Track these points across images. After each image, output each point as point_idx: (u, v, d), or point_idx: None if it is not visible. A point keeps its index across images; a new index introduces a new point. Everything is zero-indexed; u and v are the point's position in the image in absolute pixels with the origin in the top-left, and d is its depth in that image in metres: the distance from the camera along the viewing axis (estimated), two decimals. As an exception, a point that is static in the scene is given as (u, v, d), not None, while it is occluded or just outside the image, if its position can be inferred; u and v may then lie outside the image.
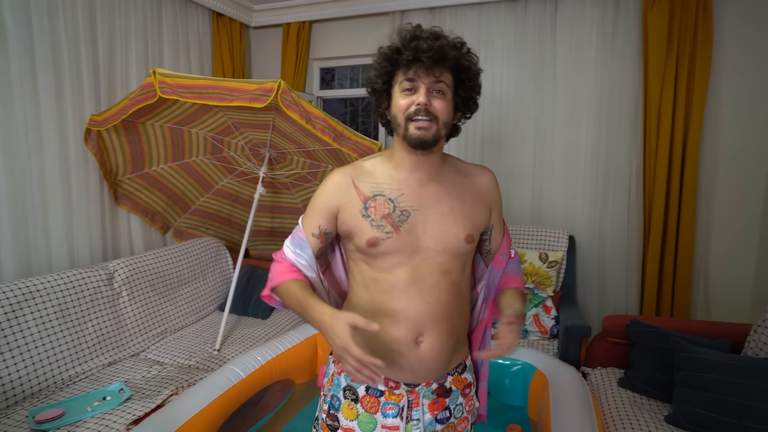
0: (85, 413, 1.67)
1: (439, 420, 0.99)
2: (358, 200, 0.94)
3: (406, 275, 0.92)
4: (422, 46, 0.86)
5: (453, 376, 1.02)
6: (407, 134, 0.90)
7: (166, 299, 2.48)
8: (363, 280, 0.96)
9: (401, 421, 0.96)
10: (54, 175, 2.23)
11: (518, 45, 2.87)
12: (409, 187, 0.95)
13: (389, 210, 0.93)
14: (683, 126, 2.51)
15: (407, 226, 0.93)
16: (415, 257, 0.93)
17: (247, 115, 2.18)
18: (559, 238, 2.75)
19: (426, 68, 0.87)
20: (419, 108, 0.88)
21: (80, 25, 2.30)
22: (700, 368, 1.63)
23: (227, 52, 3.29)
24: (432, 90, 0.89)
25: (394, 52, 0.89)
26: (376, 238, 0.91)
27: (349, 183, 0.95)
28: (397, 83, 0.91)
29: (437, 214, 0.95)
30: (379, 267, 0.94)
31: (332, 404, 1.00)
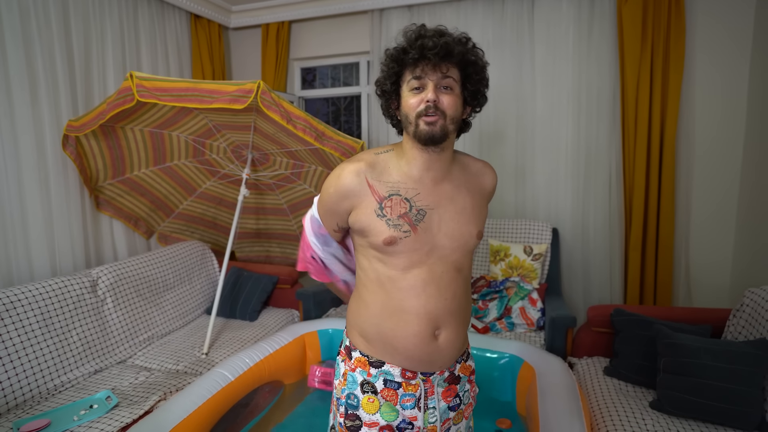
0: (72, 422, 1.64)
1: (451, 407, 1.03)
2: (373, 200, 0.93)
3: (425, 274, 0.94)
4: (428, 43, 0.87)
5: (460, 364, 1.06)
6: (417, 131, 0.90)
7: (152, 304, 2.45)
8: (378, 278, 0.97)
9: (419, 412, 0.98)
10: (32, 182, 2.19)
11: (497, 42, 2.89)
12: (425, 187, 0.95)
13: (406, 209, 0.93)
14: (660, 118, 2.55)
15: (424, 224, 0.93)
16: (432, 256, 0.94)
17: (227, 117, 2.16)
18: (542, 231, 2.78)
19: (433, 65, 0.88)
20: (429, 105, 0.89)
21: (53, 27, 2.25)
22: (682, 354, 1.66)
23: (206, 53, 3.25)
24: (440, 86, 0.90)
25: (401, 52, 0.91)
26: (394, 237, 0.91)
27: (363, 183, 0.94)
28: (405, 83, 0.92)
29: (452, 212, 0.96)
30: (395, 266, 0.94)
31: (350, 404, 1.00)
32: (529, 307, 2.49)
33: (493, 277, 2.75)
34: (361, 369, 0.99)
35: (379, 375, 0.98)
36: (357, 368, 1.00)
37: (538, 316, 2.46)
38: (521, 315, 2.48)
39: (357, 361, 1.00)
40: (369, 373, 0.98)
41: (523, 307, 2.50)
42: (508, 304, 2.53)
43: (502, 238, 2.87)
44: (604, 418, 1.64)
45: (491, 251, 2.81)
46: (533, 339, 2.37)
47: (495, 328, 2.48)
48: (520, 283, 2.60)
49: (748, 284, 2.31)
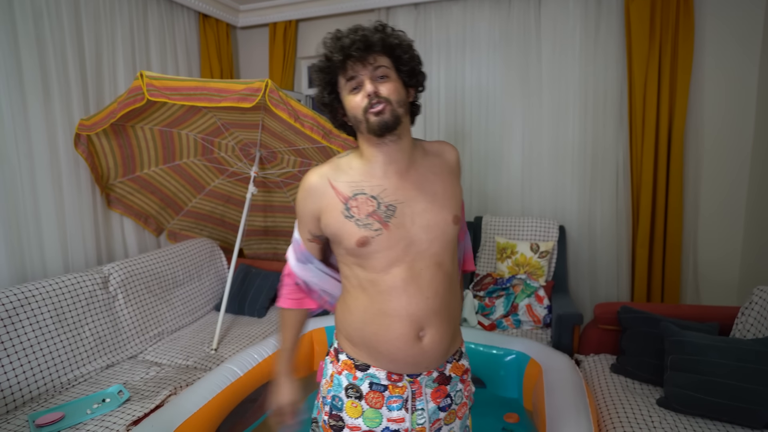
0: (85, 416, 1.67)
1: (441, 408, 1.00)
2: (338, 201, 0.92)
3: (404, 273, 0.91)
4: (346, 42, 0.88)
5: (452, 364, 1.03)
6: (369, 125, 0.89)
7: (162, 301, 2.48)
8: (359, 283, 0.95)
9: (406, 413, 0.96)
10: (45, 180, 2.22)
11: (504, 40, 2.88)
12: (390, 181, 0.93)
13: (373, 207, 0.91)
14: (668, 114, 2.53)
15: (396, 220, 0.91)
16: (410, 252, 0.92)
17: (236, 116, 2.18)
18: (549, 229, 2.77)
19: (360, 61, 0.88)
20: (370, 96, 0.88)
21: (65, 28, 2.28)
22: (689, 351, 1.65)
23: (214, 53, 3.27)
24: (375, 78, 0.90)
25: (325, 60, 0.92)
26: (366, 237, 0.89)
27: (326, 184, 0.94)
28: (342, 88, 0.93)
29: (423, 203, 0.94)
30: (373, 268, 0.92)
31: (334, 405, 0.99)
32: (536, 305, 2.49)
33: (500, 274, 2.74)
34: (347, 372, 0.99)
35: (365, 378, 0.97)
36: (343, 371, 0.99)
37: (545, 314, 2.45)
38: (528, 312, 2.47)
39: (344, 363, 1.00)
40: (355, 376, 0.97)
41: (529, 304, 2.49)
42: (514, 302, 2.53)
43: (509, 235, 2.86)
44: (611, 414, 1.64)
45: (498, 249, 2.81)
46: (540, 336, 2.36)
47: (502, 325, 2.47)
48: (526, 280, 2.59)
49: (756, 282, 2.29)
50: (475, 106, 3.01)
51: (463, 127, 3.06)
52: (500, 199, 3.06)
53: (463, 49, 2.98)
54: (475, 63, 2.97)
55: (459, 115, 3.05)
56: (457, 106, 3.05)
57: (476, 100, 3.00)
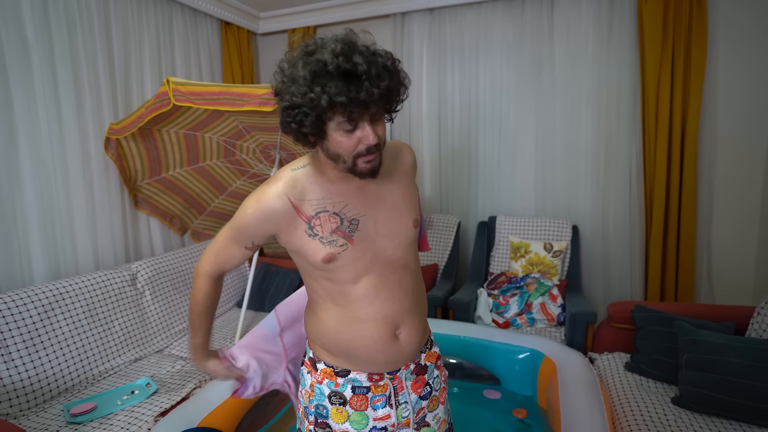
0: (116, 406, 1.71)
1: (422, 397, 1.01)
2: (300, 221, 0.87)
3: (374, 280, 0.90)
4: (373, 96, 0.74)
5: (425, 353, 1.04)
6: (356, 170, 0.83)
7: (187, 297, 2.52)
8: (329, 295, 0.93)
9: (391, 409, 0.97)
10: (78, 182, 2.28)
11: (517, 44, 2.86)
12: (351, 195, 0.89)
13: (336, 224, 0.88)
14: (681, 113, 2.49)
15: (360, 233, 0.89)
16: (377, 261, 0.91)
17: (257, 119, 2.20)
18: (562, 228, 2.74)
19: (366, 106, 0.77)
20: (370, 147, 0.81)
21: (97, 39, 2.34)
22: (704, 350, 1.62)
23: (236, 59, 3.31)
24: (372, 120, 0.80)
25: (337, 104, 0.74)
26: (332, 254, 0.87)
27: (288, 206, 0.86)
28: (334, 124, 0.79)
29: (384, 212, 0.92)
30: (342, 280, 0.90)
31: (319, 413, 0.97)
32: (550, 303, 2.47)
33: (514, 273, 2.72)
34: (328, 380, 0.97)
35: (347, 383, 0.96)
36: (324, 380, 0.97)
37: (559, 312, 2.43)
38: (542, 311, 2.45)
39: (323, 372, 0.98)
40: (336, 383, 0.96)
41: (543, 302, 2.47)
42: (528, 300, 2.51)
43: (523, 235, 2.84)
44: (626, 413, 1.61)
45: (512, 248, 2.79)
46: (553, 334, 2.34)
47: (516, 323, 2.46)
48: (540, 279, 2.57)
49: (773, 282, 2.23)
50: (488, 108, 3.00)
51: (477, 129, 3.05)
52: (514, 199, 3.04)
53: (477, 52, 2.97)
54: (488, 66, 2.96)
55: (473, 117, 3.04)
56: (471, 108, 3.04)
57: (490, 103, 2.99)
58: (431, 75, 3.09)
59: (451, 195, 3.20)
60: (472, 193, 3.14)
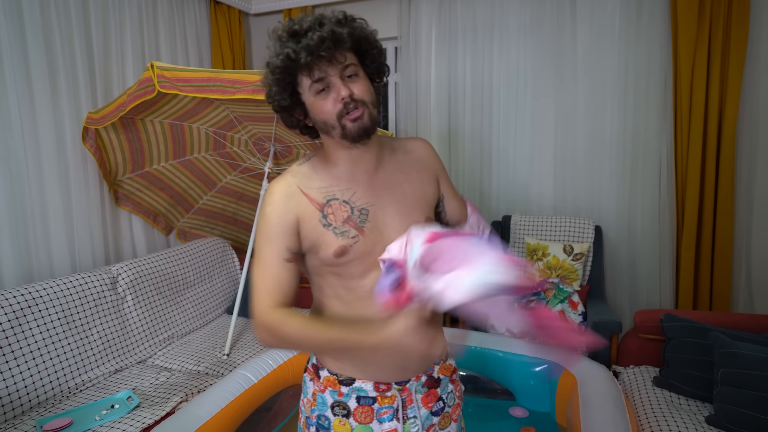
0: (94, 422, 1.70)
1: (434, 413, 1.01)
2: (314, 210, 0.90)
3: None
4: (312, 40, 0.81)
5: (439, 365, 1.04)
6: (345, 132, 0.86)
7: (172, 303, 2.52)
8: (335, 292, 0.94)
9: (398, 423, 0.97)
10: (52, 176, 2.27)
11: (535, 27, 2.84)
12: (359, 184, 0.93)
13: (348, 213, 0.91)
14: (718, 106, 2.46)
15: (369, 224, 0.91)
16: None
17: (250, 108, 2.19)
18: (584, 229, 2.73)
19: (328, 60, 0.83)
20: (346, 101, 0.84)
21: (73, 17, 2.32)
22: (743, 365, 1.60)
23: (226, 41, 3.30)
24: (344, 77, 0.85)
25: (287, 60, 0.83)
26: (344, 246, 0.89)
27: (298, 192, 0.90)
28: (306, 89, 0.87)
29: (394, 203, 0.94)
30: (350, 274, 0.92)
31: (320, 424, 0.98)
32: (570, 311, 2.45)
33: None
34: (331, 389, 0.97)
35: (352, 393, 0.96)
36: (327, 388, 0.98)
37: (579, 321, 2.42)
38: (561, 319, 2.44)
39: (326, 380, 0.98)
40: (340, 392, 0.97)
41: (562, 310, 2.46)
42: (546, 308, 2.49)
43: (540, 236, 2.82)
44: (655, 432, 1.60)
45: (528, 250, 2.78)
46: (574, 345, 2.32)
47: (532, 333, 2.44)
48: (559, 284, 2.56)
49: (818, 289, 2.21)
50: (503, 98, 2.97)
51: (491, 120, 3.02)
52: (530, 196, 3.02)
53: (491, 35, 2.94)
54: (503, 50, 2.93)
55: (486, 106, 3.02)
56: (485, 97, 3.02)
57: (505, 91, 2.97)
58: (440, 61, 3.07)
59: (462, 191, 3.18)
60: (485, 189, 3.12)
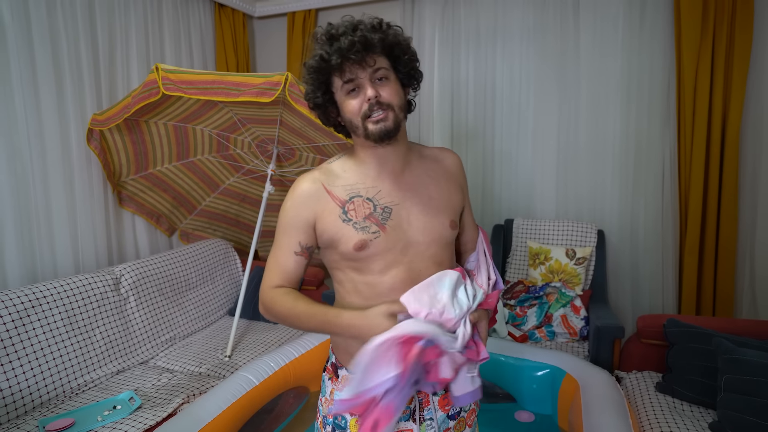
0: (96, 423, 1.71)
1: (450, 416, 1.02)
2: (335, 206, 0.94)
3: (403, 273, 0.94)
4: (343, 43, 0.86)
5: None
6: (368, 133, 0.91)
7: (174, 304, 2.52)
8: (355, 288, 0.97)
9: (414, 424, 0.98)
10: (57, 177, 2.28)
11: (538, 30, 2.84)
12: (384, 183, 0.97)
13: (370, 210, 0.94)
14: (722, 108, 2.45)
15: (392, 222, 0.94)
16: (407, 254, 0.95)
17: (253, 111, 2.20)
18: (587, 233, 2.72)
19: (358, 63, 0.88)
20: (371, 103, 0.89)
21: (79, 20, 2.34)
22: (747, 371, 1.59)
23: (230, 44, 3.31)
24: (374, 80, 0.90)
25: (321, 61, 0.90)
26: (364, 240, 0.92)
27: (321, 190, 0.95)
28: (338, 89, 0.93)
29: (419, 205, 0.97)
30: (371, 270, 0.94)
31: (337, 424, 1.00)
32: (572, 315, 2.44)
33: (532, 282, 2.70)
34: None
35: None
36: (345, 388, 0.98)
37: (582, 325, 2.40)
38: (563, 323, 2.43)
39: (344, 379, 1.00)
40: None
41: (564, 314, 2.45)
42: (548, 312, 2.48)
43: (542, 240, 2.81)
44: (657, 438, 1.59)
45: (530, 254, 2.77)
46: (576, 349, 2.32)
47: (534, 337, 2.43)
48: (561, 289, 2.55)
49: (822, 295, 2.19)
50: (506, 101, 2.97)
51: (494, 123, 3.02)
52: (533, 200, 3.01)
53: (494, 39, 2.94)
54: (507, 54, 2.93)
55: (489, 110, 3.02)
56: (487, 100, 3.02)
57: (507, 94, 2.96)
58: (443, 63, 3.07)
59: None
60: (487, 193, 3.11)
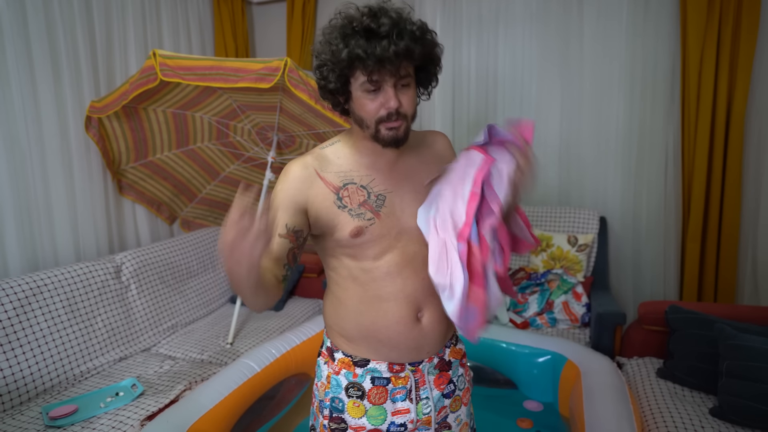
0: (99, 409, 1.72)
1: (446, 395, 1.04)
2: (329, 192, 0.93)
3: (398, 257, 0.95)
4: (387, 51, 0.81)
5: (450, 348, 1.07)
6: (379, 136, 0.90)
7: (176, 292, 2.53)
8: (350, 273, 0.97)
9: (411, 403, 1.00)
10: (56, 165, 2.27)
11: (542, 13, 2.80)
12: (379, 171, 0.96)
13: (364, 197, 0.94)
14: (726, 95, 2.42)
15: (386, 209, 0.94)
16: (401, 239, 0.96)
17: (252, 97, 2.18)
18: (589, 220, 2.71)
19: (391, 71, 0.85)
20: (391, 112, 0.87)
21: (75, 4, 2.30)
22: (747, 357, 1.59)
23: (229, 30, 3.28)
24: (398, 86, 0.87)
25: (357, 58, 0.82)
26: (360, 227, 0.92)
27: (313, 175, 0.93)
28: (357, 83, 0.87)
29: (412, 192, 0.97)
30: (366, 256, 0.94)
31: (334, 407, 1.01)
32: (573, 302, 2.44)
33: (534, 268, 2.70)
34: (345, 371, 1.00)
35: (366, 374, 0.98)
36: (342, 370, 1.00)
37: (583, 312, 2.41)
38: (564, 310, 2.43)
39: (340, 362, 1.00)
40: (355, 373, 0.99)
41: (566, 301, 2.45)
42: (549, 298, 2.48)
43: (544, 226, 2.81)
44: (657, 423, 1.59)
45: (531, 241, 2.76)
46: (577, 336, 2.32)
47: (535, 324, 2.44)
48: (563, 275, 2.55)
49: (825, 281, 2.19)
50: (508, 87, 2.94)
51: (495, 110, 2.99)
52: (535, 187, 2.99)
53: (497, 24, 2.90)
54: (509, 40, 2.89)
55: (491, 96, 2.99)
56: (489, 86, 2.98)
57: (510, 80, 2.93)
58: (445, 49, 3.01)
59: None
60: (489, 180, 3.09)
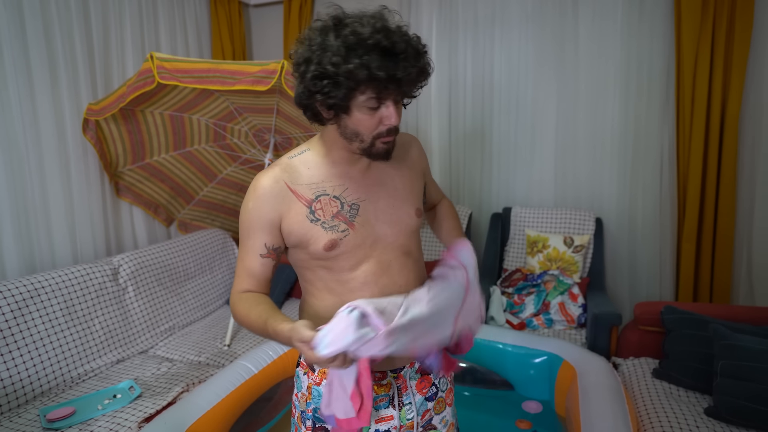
0: (96, 411, 1.72)
1: (428, 398, 1.04)
2: (301, 206, 0.91)
3: (374, 267, 0.94)
4: (408, 77, 0.81)
5: None
6: (373, 150, 0.89)
7: (173, 294, 2.53)
8: (326, 285, 0.96)
9: (394, 410, 0.99)
10: (53, 168, 2.27)
11: (537, 15, 2.81)
12: (351, 180, 0.95)
13: (337, 208, 0.92)
14: (721, 96, 2.44)
15: (360, 218, 0.93)
16: (377, 247, 0.95)
17: (249, 99, 2.18)
18: (585, 221, 2.72)
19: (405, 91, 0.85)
20: (390, 129, 0.87)
21: (72, 7, 2.30)
22: (743, 357, 1.60)
23: (226, 33, 3.28)
24: (397, 102, 0.87)
25: (374, 77, 0.78)
26: (334, 240, 0.90)
27: (284, 189, 0.91)
28: (362, 97, 0.82)
29: (385, 198, 0.97)
30: (341, 268, 0.93)
31: (317, 417, 0.99)
32: (569, 303, 2.45)
33: (530, 270, 2.70)
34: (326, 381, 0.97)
35: None
36: (322, 381, 0.98)
37: (579, 313, 2.41)
38: (560, 311, 2.44)
39: (321, 373, 0.98)
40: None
41: (562, 302, 2.46)
42: (546, 299, 2.49)
43: (540, 228, 2.81)
44: (653, 423, 1.60)
45: (528, 242, 2.77)
46: (573, 337, 2.33)
47: (531, 325, 2.44)
48: (559, 276, 2.55)
49: (819, 281, 2.20)
50: (504, 89, 2.95)
51: (492, 112, 3.00)
52: (531, 188, 3.00)
53: (492, 26, 2.91)
54: (505, 42, 2.91)
55: (487, 98, 3.00)
56: (485, 88, 2.99)
57: (506, 82, 2.94)
58: (441, 51, 3.04)
59: (462, 184, 3.17)
60: (485, 181, 3.11)
